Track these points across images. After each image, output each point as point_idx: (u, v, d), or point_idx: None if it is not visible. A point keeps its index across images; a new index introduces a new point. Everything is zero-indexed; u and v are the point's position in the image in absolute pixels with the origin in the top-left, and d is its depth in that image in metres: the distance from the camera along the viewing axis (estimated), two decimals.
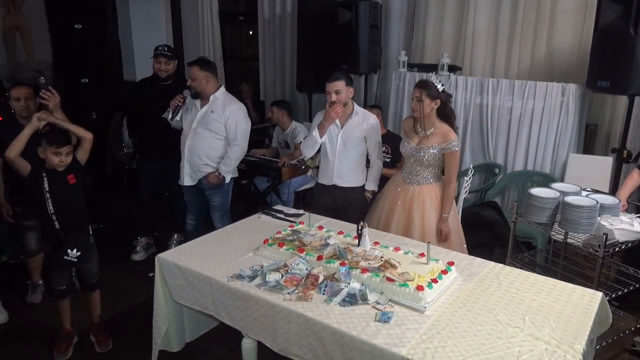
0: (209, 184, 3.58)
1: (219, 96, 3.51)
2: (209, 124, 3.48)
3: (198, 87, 3.44)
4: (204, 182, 3.61)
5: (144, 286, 3.47)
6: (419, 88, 2.89)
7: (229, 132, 3.51)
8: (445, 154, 2.94)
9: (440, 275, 2.15)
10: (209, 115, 3.48)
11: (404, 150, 3.08)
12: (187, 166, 3.59)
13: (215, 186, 3.59)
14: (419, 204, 3.02)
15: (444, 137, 2.92)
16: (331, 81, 3.11)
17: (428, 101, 2.88)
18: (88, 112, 5.38)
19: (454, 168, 2.97)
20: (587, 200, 2.63)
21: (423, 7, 4.73)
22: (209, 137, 3.50)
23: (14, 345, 3.03)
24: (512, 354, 1.74)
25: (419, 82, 2.94)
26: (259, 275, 2.26)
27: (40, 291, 3.52)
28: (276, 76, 6.06)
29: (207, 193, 3.67)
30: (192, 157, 3.55)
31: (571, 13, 4.10)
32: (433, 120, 2.95)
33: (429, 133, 2.95)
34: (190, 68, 3.44)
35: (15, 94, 3.17)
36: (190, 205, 3.81)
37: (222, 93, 3.54)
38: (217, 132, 3.50)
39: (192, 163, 3.57)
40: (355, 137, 3.25)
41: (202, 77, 3.42)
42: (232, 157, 3.54)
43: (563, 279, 2.37)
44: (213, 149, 3.54)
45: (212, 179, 3.55)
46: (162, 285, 2.53)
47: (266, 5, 5.85)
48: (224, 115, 3.47)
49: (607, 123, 4.17)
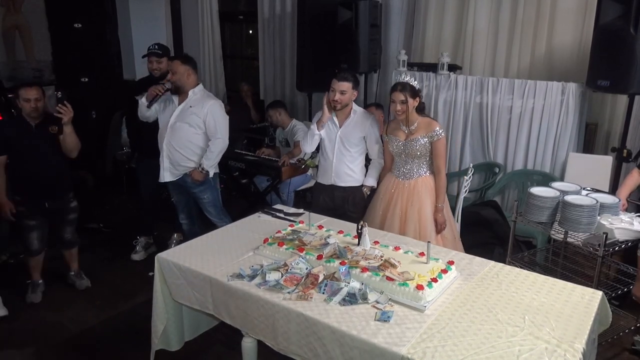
0: (194, 181, 3.54)
1: (198, 92, 3.50)
2: (187, 119, 3.46)
3: (178, 81, 3.42)
4: (188, 181, 3.57)
5: (143, 286, 3.47)
6: (402, 92, 2.94)
7: (209, 127, 3.48)
8: (432, 143, 3.01)
9: (440, 274, 2.15)
10: (187, 110, 3.46)
11: (392, 149, 3.11)
12: (166, 162, 3.55)
13: (200, 182, 3.55)
14: (415, 197, 3.06)
15: (428, 127, 3.01)
16: (340, 80, 3.15)
17: (411, 101, 2.95)
18: (88, 111, 5.39)
19: (442, 157, 3.04)
20: (587, 200, 2.63)
21: (423, 6, 4.73)
22: (187, 132, 3.47)
23: (14, 345, 3.03)
24: (512, 353, 1.74)
25: (400, 86, 2.96)
26: (259, 275, 2.26)
27: (40, 290, 3.51)
28: (276, 75, 6.06)
29: (194, 192, 3.63)
30: (171, 152, 3.51)
31: (571, 12, 4.10)
32: (415, 116, 3.03)
33: (413, 128, 3.02)
34: (172, 62, 3.44)
35: (25, 95, 3.19)
36: (179, 205, 3.80)
37: (200, 89, 3.53)
38: (195, 127, 3.47)
39: (171, 158, 3.53)
40: (354, 136, 3.26)
41: (183, 71, 3.41)
42: (214, 150, 3.50)
43: (563, 278, 2.37)
44: (192, 142, 3.50)
45: (196, 176, 3.51)
46: (161, 285, 2.53)
47: (266, 4, 5.85)
48: (202, 110, 3.44)
49: (607, 122, 4.17)
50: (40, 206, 3.34)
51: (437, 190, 3.07)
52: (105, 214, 5.03)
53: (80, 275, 3.68)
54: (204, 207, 3.70)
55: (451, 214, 3.25)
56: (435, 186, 3.07)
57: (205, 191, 3.63)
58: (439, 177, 3.06)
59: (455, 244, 3.14)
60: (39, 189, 3.31)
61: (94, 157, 5.52)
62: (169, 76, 3.46)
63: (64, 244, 3.58)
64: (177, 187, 3.67)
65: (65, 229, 3.52)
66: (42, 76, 6.24)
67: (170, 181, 3.61)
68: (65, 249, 3.60)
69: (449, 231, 3.14)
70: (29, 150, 3.24)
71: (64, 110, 3.18)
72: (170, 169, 3.57)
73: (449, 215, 3.20)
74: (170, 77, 3.44)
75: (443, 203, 3.07)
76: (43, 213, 3.37)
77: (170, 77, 3.43)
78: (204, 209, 3.72)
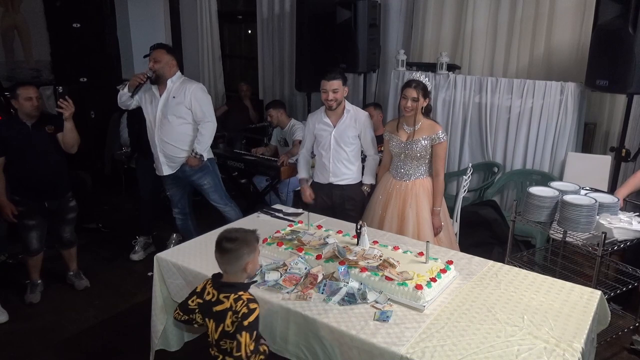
0: (191, 167, 3.54)
1: (176, 80, 3.48)
2: (173, 110, 3.44)
3: (160, 69, 3.39)
4: (187, 170, 3.57)
5: (143, 285, 3.48)
6: (416, 88, 2.93)
7: (195, 113, 3.46)
8: (433, 146, 3.01)
9: (439, 274, 2.16)
10: (170, 101, 3.44)
11: (392, 148, 3.11)
12: (161, 156, 3.55)
13: (198, 168, 3.55)
14: (412, 199, 3.06)
15: (431, 129, 3.01)
16: (329, 80, 3.14)
17: (422, 100, 2.96)
18: (87, 112, 5.38)
19: (441, 160, 3.05)
20: (586, 199, 2.63)
21: (422, 6, 4.73)
22: (177, 124, 3.47)
23: (13, 345, 3.03)
24: (511, 353, 1.74)
25: (415, 83, 2.96)
26: (257, 275, 2.26)
27: (39, 290, 3.51)
28: (275, 75, 6.05)
29: (193, 179, 3.62)
30: (164, 147, 3.51)
31: (570, 12, 4.10)
32: (420, 117, 3.03)
33: (416, 128, 3.02)
34: (155, 51, 3.41)
35: (25, 93, 3.18)
36: (174, 198, 3.78)
37: (178, 77, 3.50)
38: (183, 117, 3.46)
39: (165, 153, 3.53)
40: (348, 135, 3.27)
41: (166, 60, 3.40)
42: (205, 134, 3.49)
43: (562, 278, 2.38)
44: (184, 134, 3.50)
45: (192, 162, 3.51)
46: (160, 285, 2.53)
47: (265, 4, 5.85)
48: (185, 98, 3.43)
49: (605, 122, 4.17)
50: (40, 206, 3.34)
51: (434, 194, 3.07)
52: (104, 213, 5.03)
53: (79, 275, 3.68)
54: (208, 194, 3.69)
55: (449, 217, 3.25)
56: (433, 189, 3.08)
57: (205, 176, 3.62)
58: (437, 180, 3.07)
59: (451, 247, 3.14)
60: (38, 188, 3.30)
61: (92, 157, 5.52)
62: (150, 64, 3.41)
63: (63, 244, 3.58)
64: (174, 179, 3.65)
65: (64, 228, 3.52)
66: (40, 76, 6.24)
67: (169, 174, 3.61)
68: (64, 249, 3.60)
69: (445, 234, 3.14)
70: (27, 151, 3.23)
71: (65, 105, 3.17)
72: (167, 162, 3.57)
73: (447, 218, 3.20)
74: (152, 65, 3.39)
75: (440, 206, 3.08)
76: (42, 213, 3.36)
77: (152, 66, 3.39)
78: (208, 198, 3.71)
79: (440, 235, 3.11)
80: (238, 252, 1.86)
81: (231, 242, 1.87)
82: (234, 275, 1.89)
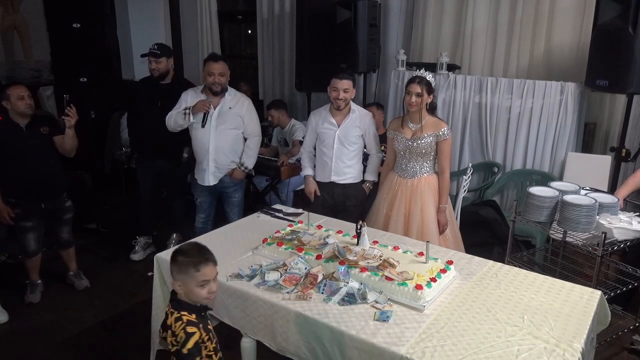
0: (234, 180, 3.59)
1: (232, 92, 3.54)
2: (229, 121, 3.48)
3: (226, 83, 3.46)
4: (226, 181, 3.60)
5: (143, 286, 3.48)
6: (420, 84, 2.94)
7: (247, 126, 3.55)
8: (438, 143, 3.02)
9: (439, 274, 2.16)
10: (227, 111, 3.47)
11: (397, 145, 3.11)
12: (212, 165, 3.53)
13: (238, 182, 3.63)
14: (418, 196, 3.06)
15: (436, 126, 3.02)
16: (341, 79, 3.18)
17: (426, 96, 2.96)
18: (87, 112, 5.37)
19: (447, 157, 3.05)
20: (586, 199, 2.63)
21: (422, 6, 4.72)
22: (233, 134, 3.52)
23: (13, 345, 3.03)
24: (511, 353, 1.74)
25: (418, 79, 2.97)
26: (258, 275, 2.26)
27: (39, 290, 3.51)
28: (275, 75, 6.05)
29: (228, 191, 3.66)
30: (218, 156, 3.51)
31: (570, 11, 4.10)
32: (425, 114, 3.03)
33: (421, 125, 3.02)
34: (217, 63, 3.38)
35: (17, 92, 3.15)
36: (203, 205, 3.72)
37: (231, 89, 3.56)
38: (237, 128, 3.53)
39: (218, 162, 3.53)
40: (352, 135, 3.28)
41: (228, 73, 3.46)
42: (253, 148, 3.60)
43: (562, 278, 2.38)
44: (237, 144, 3.58)
45: (238, 175, 3.59)
46: (160, 285, 2.53)
47: (265, 4, 5.84)
48: (242, 110, 3.50)
49: (605, 122, 4.17)
50: (36, 207, 3.33)
51: (440, 191, 3.07)
52: (104, 214, 5.02)
53: (79, 276, 3.68)
54: (232, 207, 3.72)
55: (454, 214, 3.26)
56: (439, 187, 3.08)
57: (238, 190, 3.70)
58: (442, 178, 3.07)
59: (456, 244, 3.14)
60: (33, 190, 3.28)
61: (92, 157, 5.51)
62: (212, 78, 3.37)
63: (61, 244, 3.58)
64: (208, 187, 3.63)
65: (62, 229, 3.51)
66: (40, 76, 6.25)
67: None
68: (62, 249, 3.60)
69: (450, 232, 3.14)
70: (21, 152, 3.21)
71: (72, 113, 3.21)
72: (214, 173, 3.57)
73: (452, 216, 3.20)
74: (216, 79, 3.38)
75: (446, 204, 3.08)
76: (39, 214, 3.36)
77: (219, 80, 3.39)
78: (230, 210, 3.72)
79: (447, 232, 3.10)
80: (171, 267, 1.83)
81: (175, 253, 1.83)
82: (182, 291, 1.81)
